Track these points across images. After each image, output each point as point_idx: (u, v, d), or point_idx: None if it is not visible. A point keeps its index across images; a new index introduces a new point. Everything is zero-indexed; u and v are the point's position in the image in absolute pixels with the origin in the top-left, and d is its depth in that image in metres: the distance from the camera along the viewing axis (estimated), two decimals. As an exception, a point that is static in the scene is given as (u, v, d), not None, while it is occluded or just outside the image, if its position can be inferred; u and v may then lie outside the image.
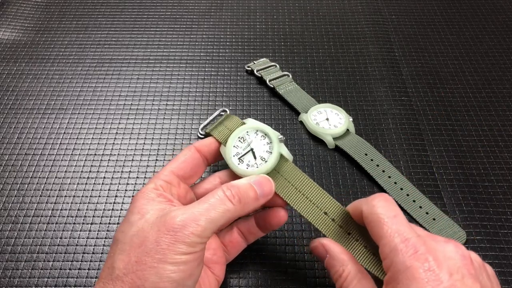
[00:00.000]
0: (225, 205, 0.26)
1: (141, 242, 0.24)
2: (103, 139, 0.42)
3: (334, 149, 0.41)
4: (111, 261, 0.25)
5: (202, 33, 0.54)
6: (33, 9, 0.57)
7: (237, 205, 0.26)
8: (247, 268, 0.33)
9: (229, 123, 0.33)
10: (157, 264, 0.23)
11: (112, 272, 0.24)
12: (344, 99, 0.46)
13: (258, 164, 0.30)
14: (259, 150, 0.31)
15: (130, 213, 0.27)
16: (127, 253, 0.24)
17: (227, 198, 0.26)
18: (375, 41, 0.53)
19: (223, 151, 0.31)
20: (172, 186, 0.29)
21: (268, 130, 0.31)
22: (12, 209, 0.37)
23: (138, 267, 0.24)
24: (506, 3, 0.58)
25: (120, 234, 0.26)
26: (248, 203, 0.27)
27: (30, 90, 0.47)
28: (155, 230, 0.24)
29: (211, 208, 0.25)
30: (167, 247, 0.24)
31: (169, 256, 0.24)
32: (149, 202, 0.27)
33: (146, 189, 0.28)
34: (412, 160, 0.41)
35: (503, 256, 0.34)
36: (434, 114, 0.45)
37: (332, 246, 0.27)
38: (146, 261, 0.24)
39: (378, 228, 0.25)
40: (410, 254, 0.23)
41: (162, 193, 0.28)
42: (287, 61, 0.50)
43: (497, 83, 0.48)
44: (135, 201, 0.27)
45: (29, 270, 0.33)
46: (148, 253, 0.24)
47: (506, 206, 0.37)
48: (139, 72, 0.49)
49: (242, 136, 0.32)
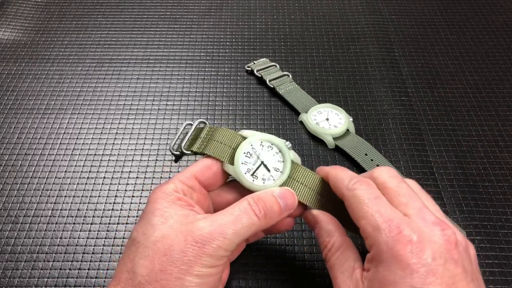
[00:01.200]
0: (251, 219, 0.25)
1: (166, 250, 0.24)
2: (103, 139, 0.42)
3: (334, 149, 0.41)
4: (132, 265, 0.24)
5: (202, 33, 0.54)
6: (33, 9, 0.57)
7: (262, 220, 0.26)
8: (247, 268, 0.33)
9: (222, 138, 0.30)
10: (182, 276, 0.23)
11: (133, 277, 0.24)
12: (344, 99, 0.46)
13: (274, 176, 0.29)
14: (270, 162, 0.29)
15: (150, 214, 0.26)
16: (150, 260, 0.24)
17: (253, 212, 0.26)
18: (375, 41, 0.53)
19: (230, 170, 0.29)
20: (194, 191, 0.28)
21: (274, 140, 0.30)
22: (12, 209, 0.37)
23: (162, 276, 0.23)
24: (506, 3, 0.58)
25: (141, 236, 0.25)
26: (272, 218, 0.27)
27: (30, 90, 0.47)
28: (181, 239, 0.24)
29: (237, 221, 0.25)
30: (194, 259, 0.23)
31: (195, 268, 0.23)
32: (171, 205, 0.26)
33: (166, 189, 0.27)
34: (412, 160, 0.41)
35: (503, 256, 0.34)
36: (434, 114, 0.45)
37: (321, 217, 0.28)
38: (171, 271, 0.23)
39: (358, 210, 0.25)
40: (394, 235, 0.23)
41: (182, 197, 0.27)
42: (287, 61, 0.50)
43: (497, 83, 0.48)
44: (154, 201, 0.26)
45: (29, 270, 0.33)
46: (173, 263, 0.23)
47: (506, 206, 0.37)
48: (139, 72, 0.49)
49: (248, 151, 0.30)
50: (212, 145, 0.30)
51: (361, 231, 0.24)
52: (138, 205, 0.37)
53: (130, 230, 0.35)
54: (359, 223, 0.25)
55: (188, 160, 0.40)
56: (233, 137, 0.30)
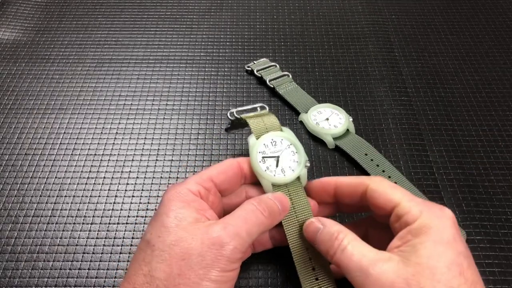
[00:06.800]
0: (259, 218, 0.26)
1: (183, 254, 0.24)
2: (103, 139, 0.42)
3: (334, 149, 0.41)
4: (148, 269, 0.24)
5: (202, 33, 0.54)
6: (33, 9, 0.57)
7: (268, 218, 0.27)
8: (247, 268, 0.33)
9: (267, 120, 0.33)
10: (200, 281, 0.23)
11: (151, 281, 0.23)
12: (344, 99, 0.46)
13: (276, 173, 0.30)
14: (283, 162, 0.31)
15: (165, 216, 0.26)
16: (167, 263, 0.24)
17: (260, 212, 0.26)
18: (375, 41, 0.53)
19: (251, 141, 0.31)
20: (210, 194, 0.28)
21: (300, 149, 0.32)
22: (12, 209, 0.37)
23: (180, 281, 0.23)
24: (506, 3, 0.58)
25: (156, 239, 0.25)
26: (275, 217, 0.28)
27: (30, 90, 0.47)
28: (198, 242, 0.24)
29: (247, 221, 0.26)
30: (211, 263, 0.23)
31: (212, 272, 0.23)
32: (184, 206, 0.26)
33: (181, 190, 0.27)
34: (412, 160, 0.40)
35: (503, 256, 0.34)
36: (434, 114, 0.45)
37: (326, 220, 0.28)
38: (189, 276, 0.23)
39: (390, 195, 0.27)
40: (439, 208, 0.26)
41: (198, 199, 0.27)
42: (287, 61, 0.50)
43: (497, 83, 0.48)
44: (169, 202, 0.26)
45: (29, 270, 0.33)
46: (192, 267, 0.23)
47: (506, 206, 0.37)
48: (139, 72, 0.49)
49: (276, 140, 0.32)
50: (256, 120, 0.33)
51: (397, 210, 0.26)
52: (138, 205, 0.37)
53: (130, 230, 0.36)
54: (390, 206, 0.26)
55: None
56: (274, 123, 0.33)
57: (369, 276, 0.23)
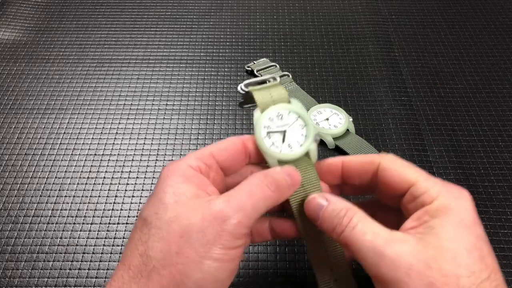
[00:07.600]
0: (265, 192, 0.24)
1: (182, 231, 0.22)
2: (103, 139, 0.42)
3: (334, 149, 0.41)
4: (145, 248, 0.22)
5: (202, 33, 0.54)
6: (33, 9, 0.57)
7: (275, 192, 0.24)
8: (247, 268, 0.33)
9: (274, 92, 0.29)
10: (200, 259, 0.21)
11: (147, 261, 0.22)
12: (344, 99, 0.46)
13: (283, 149, 0.28)
14: (290, 137, 0.28)
15: (162, 192, 0.24)
16: (165, 241, 0.22)
17: (265, 185, 0.24)
18: (375, 41, 0.53)
19: (256, 115, 0.28)
20: (210, 170, 0.26)
21: (309, 122, 0.29)
22: (12, 209, 0.37)
23: (179, 260, 0.21)
24: (506, 3, 0.58)
25: (153, 216, 0.23)
26: (283, 192, 0.25)
27: (30, 90, 0.47)
28: (198, 217, 0.22)
29: (253, 195, 0.23)
30: (213, 239, 0.21)
31: (214, 250, 0.21)
32: (184, 181, 0.24)
33: (180, 165, 0.25)
34: (412, 160, 0.40)
35: (503, 256, 0.34)
36: (434, 114, 0.45)
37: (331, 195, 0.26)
38: (188, 254, 0.21)
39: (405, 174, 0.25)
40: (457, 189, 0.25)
41: (198, 174, 0.25)
42: (287, 61, 0.50)
43: (497, 83, 0.48)
44: (167, 177, 0.24)
45: (29, 270, 0.33)
46: (191, 244, 0.21)
47: (506, 206, 0.37)
48: (139, 72, 0.49)
49: (282, 114, 0.29)
50: (263, 92, 0.29)
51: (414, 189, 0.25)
52: (138, 205, 0.37)
53: (130, 230, 0.36)
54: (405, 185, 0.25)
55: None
56: (281, 95, 0.29)
57: (384, 257, 0.22)
